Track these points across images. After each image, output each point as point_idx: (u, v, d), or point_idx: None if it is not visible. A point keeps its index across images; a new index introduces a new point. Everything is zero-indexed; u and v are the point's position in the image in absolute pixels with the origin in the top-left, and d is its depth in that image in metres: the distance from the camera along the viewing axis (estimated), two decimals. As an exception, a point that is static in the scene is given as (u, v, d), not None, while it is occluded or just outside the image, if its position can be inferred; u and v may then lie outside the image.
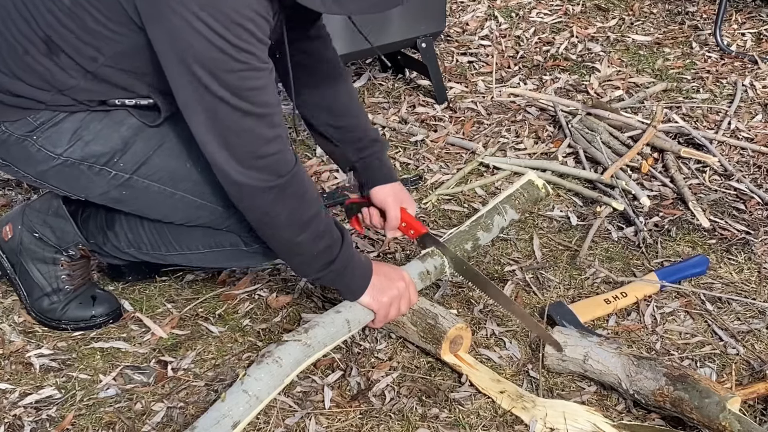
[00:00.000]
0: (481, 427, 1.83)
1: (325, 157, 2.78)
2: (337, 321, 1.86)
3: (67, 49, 1.70)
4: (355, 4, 1.60)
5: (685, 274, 2.27)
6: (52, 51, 1.71)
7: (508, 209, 2.22)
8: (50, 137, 1.81)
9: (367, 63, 3.50)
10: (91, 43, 1.69)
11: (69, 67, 1.73)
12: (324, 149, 2.16)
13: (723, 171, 2.74)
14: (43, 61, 1.73)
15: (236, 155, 1.66)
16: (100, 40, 1.68)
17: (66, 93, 1.77)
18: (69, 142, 1.81)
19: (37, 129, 1.80)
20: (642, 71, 3.45)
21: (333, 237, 1.81)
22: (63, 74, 1.74)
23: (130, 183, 1.86)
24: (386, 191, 2.06)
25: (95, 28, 1.67)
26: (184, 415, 1.88)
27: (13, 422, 1.87)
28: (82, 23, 1.67)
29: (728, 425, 1.69)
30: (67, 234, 2.08)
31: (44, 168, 1.85)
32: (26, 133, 1.80)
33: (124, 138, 1.83)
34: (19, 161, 1.86)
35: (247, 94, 1.62)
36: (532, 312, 2.17)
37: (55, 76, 1.74)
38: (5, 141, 1.82)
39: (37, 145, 1.81)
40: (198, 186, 1.86)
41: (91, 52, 1.70)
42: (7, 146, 1.83)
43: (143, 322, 2.16)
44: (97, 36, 1.68)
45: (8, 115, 1.80)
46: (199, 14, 1.52)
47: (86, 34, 1.68)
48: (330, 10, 1.60)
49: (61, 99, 1.78)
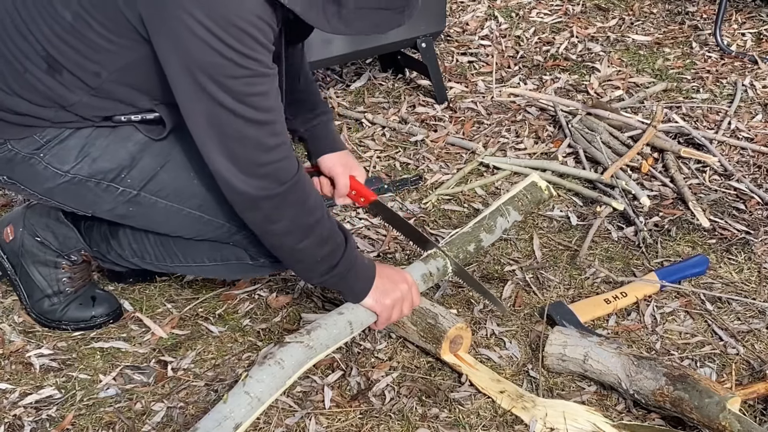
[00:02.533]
0: (481, 427, 1.83)
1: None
2: (339, 323, 1.86)
3: (69, 65, 1.69)
4: (359, 24, 1.61)
5: (685, 274, 2.27)
6: (53, 68, 1.70)
7: (511, 211, 2.22)
8: (57, 154, 1.80)
9: (367, 63, 3.50)
10: (94, 59, 1.68)
11: (71, 84, 1.72)
12: None
13: (723, 171, 2.74)
14: (44, 79, 1.71)
15: (238, 164, 1.66)
16: (103, 54, 1.67)
17: (69, 109, 1.76)
18: (76, 159, 1.80)
19: (44, 147, 1.79)
20: (642, 71, 3.45)
21: (336, 241, 1.81)
22: (65, 91, 1.73)
23: (138, 199, 1.86)
24: (334, 160, 2.06)
25: (98, 42, 1.66)
26: (184, 415, 1.88)
27: (13, 422, 1.87)
28: (84, 38, 1.66)
29: (728, 425, 1.69)
30: (69, 240, 2.08)
31: (51, 185, 1.84)
32: (33, 151, 1.80)
33: (131, 153, 1.83)
34: (24, 179, 1.85)
35: (251, 100, 1.61)
36: (531, 312, 2.17)
37: (57, 93, 1.73)
38: (11, 159, 1.81)
39: (44, 162, 1.81)
40: (204, 202, 1.86)
41: (94, 67, 1.69)
42: (13, 165, 1.82)
43: (143, 322, 2.16)
44: (100, 51, 1.67)
45: (13, 134, 1.79)
46: (203, 21, 1.52)
47: (89, 50, 1.67)
48: (335, 30, 1.61)
49: (64, 115, 1.77)
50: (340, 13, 1.57)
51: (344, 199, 2.10)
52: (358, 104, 3.24)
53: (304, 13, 1.58)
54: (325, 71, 3.44)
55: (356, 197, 2.09)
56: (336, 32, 1.62)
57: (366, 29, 1.64)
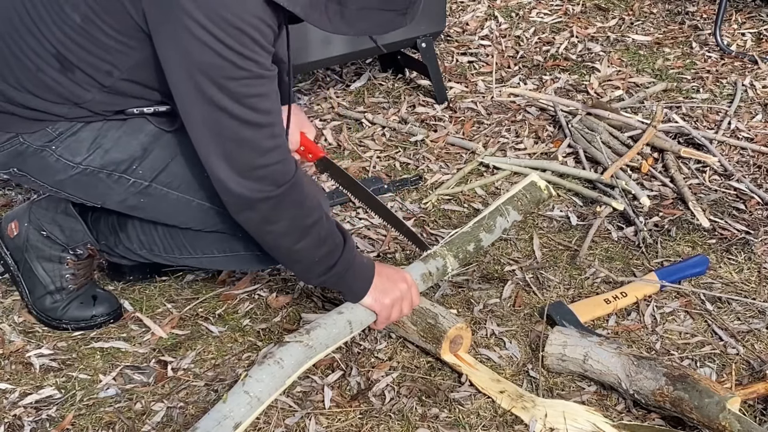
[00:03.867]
0: (481, 427, 1.83)
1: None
2: (339, 322, 1.86)
3: (81, 65, 1.70)
4: (361, 25, 1.61)
5: (685, 274, 2.27)
6: (65, 67, 1.71)
7: (511, 211, 2.22)
8: (69, 146, 1.81)
9: (367, 63, 3.50)
10: (106, 59, 1.69)
11: (84, 82, 1.72)
12: None
13: (723, 171, 2.74)
14: (58, 78, 1.72)
15: (235, 166, 1.66)
16: (114, 54, 1.68)
17: (83, 106, 1.77)
18: (88, 151, 1.81)
19: (56, 139, 1.80)
20: (642, 71, 3.45)
21: (334, 242, 1.81)
22: (78, 89, 1.73)
23: (149, 191, 1.86)
24: (283, 114, 2.03)
25: (108, 43, 1.67)
26: (184, 415, 1.88)
27: (13, 422, 1.87)
28: (94, 39, 1.67)
29: (728, 425, 1.69)
30: (76, 233, 2.08)
31: (62, 177, 1.84)
32: (45, 143, 1.80)
33: (143, 145, 1.83)
34: (35, 171, 1.85)
35: (250, 102, 1.62)
36: (532, 312, 2.17)
37: (70, 90, 1.74)
38: (23, 152, 1.82)
39: (55, 154, 1.81)
40: (215, 193, 1.86)
41: (106, 66, 1.70)
42: (24, 157, 1.83)
43: (143, 322, 2.16)
44: (110, 51, 1.68)
45: (25, 128, 1.79)
46: (203, 21, 1.52)
47: (100, 50, 1.68)
48: (337, 30, 1.61)
49: (77, 111, 1.78)
50: (343, 13, 1.58)
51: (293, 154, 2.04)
52: (358, 104, 3.24)
53: (305, 14, 1.58)
54: (325, 71, 3.44)
55: (304, 153, 2.06)
56: (338, 32, 1.62)
57: (368, 30, 1.64)
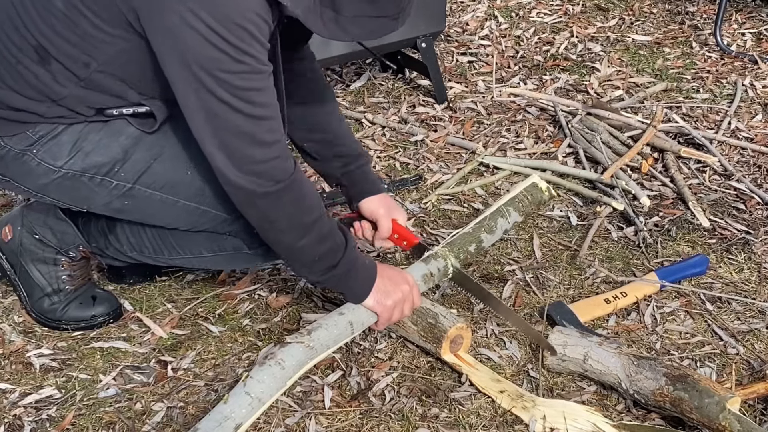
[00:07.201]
0: (481, 426, 1.83)
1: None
2: (340, 323, 1.86)
3: (58, 56, 1.70)
4: (355, 31, 1.62)
5: (685, 273, 2.27)
6: (43, 59, 1.71)
7: (512, 212, 2.22)
8: (50, 150, 1.80)
9: (367, 63, 3.50)
10: (85, 49, 1.69)
11: (60, 74, 1.72)
12: (310, 165, 2.13)
13: (723, 171, 2.74)
14: (35, 69, 1.72)
15: (234, 158, 1.67)
16: (94, 45, 1.68)
17: (60, 103, 1.76)
18: (69, 154, 1.81)
19: (37, 142, 1.80)
20: (642, 71, 3.45)
21: (336, 241, 1.81)
22: (54, 83, 1.73)
23: (132, 193, 1.86)
24: (375, 203, 2.05)
25: (90, 32, 1.66)
26: (184, 415, 1.88)
27: (13, 422, 1.87)
28: (76, 28, 1.66)
29: (728, 425, 1.69)
30: (67, 236, 2.08)
31: (45, 181, 1.84)
32: (26, 147, 1.80)
33: (123, 147, 1.83)
34: (18, 176, 1.85)
35: (247, 95, 1.62)
36: (531, 312, 2.17)
37: (47, 84, 1.73)
38: (4, 156, 1.82)
39: (37, 158, 1.81)
40: (200, 193, 1.86)
41: (83, 58, 1.70)
42: (6, 161, 1.83)
43: (143, 321, 2.16)
44: (91, 41, 1.67)
45: (6, 130, 1.79)
46: (199, 14, 1.53)
47: (80, 40, 1.67)
48: (333, 36, 1.62)
49: (57, 110, 1.77)
50: (337, 19, 1.59)
51: (385, 242, 2.08)
52: (358, 104, 3.24)
53: (305, 17, 1.59)
54: (325, 71, 3.44)
55: (399, 240, 2.07)
56: (333, 38, 1.64)
57: (362, 35, 1.66)
